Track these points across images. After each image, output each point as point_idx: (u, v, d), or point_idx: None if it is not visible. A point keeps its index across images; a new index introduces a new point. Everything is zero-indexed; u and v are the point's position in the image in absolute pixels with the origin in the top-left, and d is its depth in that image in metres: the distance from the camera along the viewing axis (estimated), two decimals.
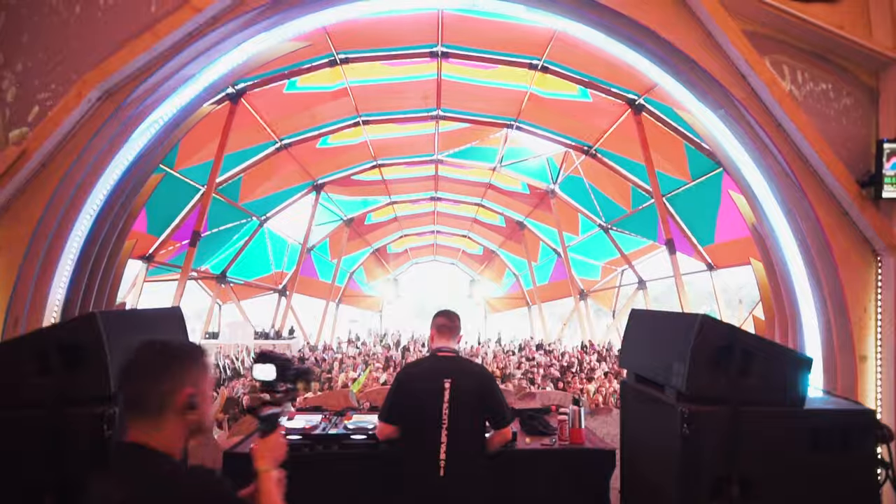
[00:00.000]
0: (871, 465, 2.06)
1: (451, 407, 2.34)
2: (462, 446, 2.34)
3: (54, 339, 2.04)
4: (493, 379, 2.53)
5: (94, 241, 3.61)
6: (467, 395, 2.38)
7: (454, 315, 2.68)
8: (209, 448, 3.75)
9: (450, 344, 2.59)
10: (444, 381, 2.39)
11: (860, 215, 3.40)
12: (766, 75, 3.49)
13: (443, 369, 2.45)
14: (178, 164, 9.33)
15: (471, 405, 2.38)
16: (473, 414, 2.39)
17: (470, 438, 2.37)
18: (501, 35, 7.83)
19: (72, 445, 1.91)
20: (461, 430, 2.34)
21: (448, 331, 2.62)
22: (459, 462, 2.32)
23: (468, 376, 2.44)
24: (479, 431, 2.42)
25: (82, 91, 3.19)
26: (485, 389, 2.42)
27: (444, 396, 2.35)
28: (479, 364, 2.62)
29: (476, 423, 2.40)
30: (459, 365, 2.51)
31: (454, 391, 2.37)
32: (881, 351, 3.37)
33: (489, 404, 2.42)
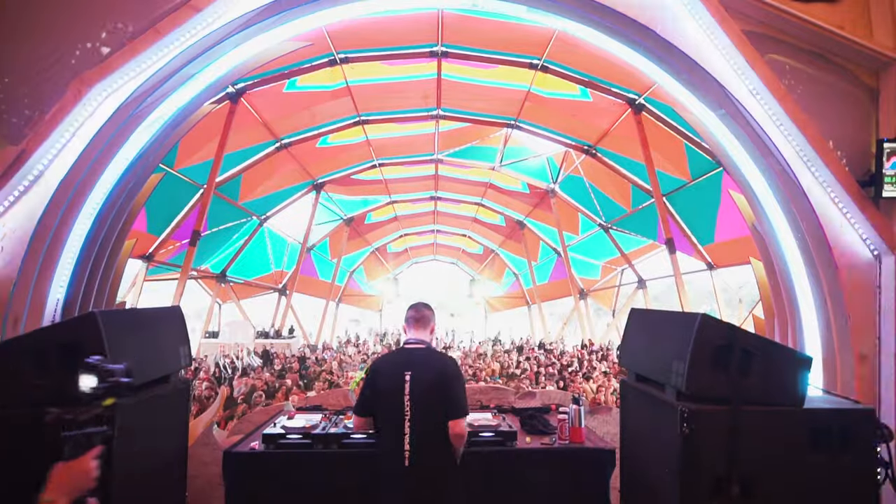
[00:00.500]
0: (870, 464, 2.06)
1: (412, 399, 2.38)
2: (425, 437, 2.37)
3: (54, 338, 2.04)
4: (455, 371, 2.51)
5: (94, 240, 3.61)
6: (426, 387, 2.40)
7: (423, 306, 2.69)
8: (209, 447, 3.75)
9: (419, 335, 2.61)
10: (405, 373, 2.43)
11: (860, 214, 3.40)
12: (766, 75, 3.49)
13: (405, 362, 2.49)
14: (177, 164, 9.33)
15: (430, 397, 2.40)
16: (433, 405, 2.40)
17: (433, 430, 2.39)
18: (501, 35, 7.82)
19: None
20: (423, 422, 2.37)
21: (416, 322, 2.64)
22: (424, 454, 2.35)
23: (428, 368, 2.46)
24: (443, 423, 2.42)
25: (82, 90, 3.18)
26: (442, 380, 2.44)
27: (405, 389, 2.40)
28: (446, 356, 2.61)
29: (438, 415, 2.41)
30: (423, 357, 2.52)
31: (413, 383, 2.40)
32: (881, 351, 3.37)
33: (445, 395, 2.42)
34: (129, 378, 1.56)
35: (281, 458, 2.76)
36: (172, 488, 2.62)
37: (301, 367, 10.35)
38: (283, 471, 2.74)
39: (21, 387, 1.97)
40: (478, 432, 2.91)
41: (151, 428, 2.34)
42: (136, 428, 2.14)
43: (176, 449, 2.66)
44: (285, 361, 11.03)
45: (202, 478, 3.63)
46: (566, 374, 9.59)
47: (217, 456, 3.26)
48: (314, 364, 10.70)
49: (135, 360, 2.21)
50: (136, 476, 2.15)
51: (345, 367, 10.60)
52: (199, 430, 4.10)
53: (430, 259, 25.24)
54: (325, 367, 10.15)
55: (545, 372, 9.66)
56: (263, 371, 9.87)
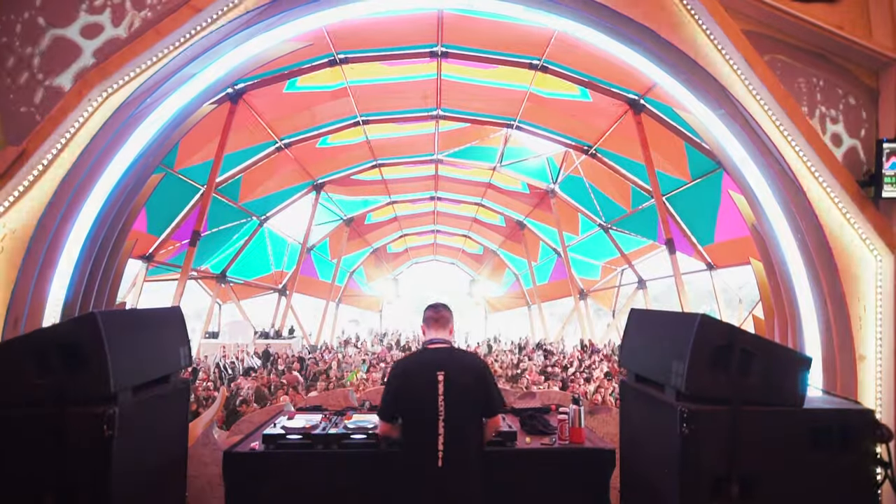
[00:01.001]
0: (870, 464, 2.06)
1: (446, 398, 2.36)
2: (459, 437, 2.36)
3: (54, 338, 2.04)
4: (487, 368, 2.53)
5: (95, 240, 3.60)
6: (461, 386, 2.39)
7: (441, 306, 2.68)
8: (209, 447, 3.75)
9: (441, 335, 2.60)
10: (437, 373, 2.41)
11: (860, 215, 3.40)
12: (766, 75, 3.49)
13: (435, 361, 2.47)
14: (178, 164, 9.34)
15: (465, 395, 2.40)
16: (468, 404, 2.41)
17: (467, 429, 2.39)
18: (501, 35, 7.83)
19: (72, 445, 1.91)
20: (457, 421, 2.36)
21: (436, 322, 2.62)
22: (457, 452, 2.34)
23: (461, 367, 2.46)
24: (476, 421, 2.44)
25: (82, 90, 3.19)
26: (477, 379, 2.44)
27: (438, 388, 2.38)
28: (473, 353, 2.62)
29: (472, 414, 2.42)
30: (452, 356, 2.52)
31: (448, 382, 2.39)
32: (881, 351, 3.37)
33: (482, 393, 2.43)
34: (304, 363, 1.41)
35: (281, 458, 2.76)
36: (172, 488, 2.62)
37: (301, 367, 10.35)
38: (283, 471, 2.74)
39: (21, 387, 1.97)
40: None
41: (151, 428, 2.34)
42: (136, 428, 2.13)
43: (176, 449, 2.65)
44: (286, 361, 11.04)
45: (202, 478, 3.63)
46: (565, 374, 9.59)
47: (217, 456, 3.26)
48: (313, 364, 10.70)
49: (135, 360, 2.22)
50: (135, 476, 2.14)
51: (343, 368, 10.60)
52: (199, 430, 4.10)
53: (430, 259, 25.25)
54: (324, 369, 10.15)
55: (550, 372, 9.67)
56: (264, 372, 9.88)
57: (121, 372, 2.05)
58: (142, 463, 2.23)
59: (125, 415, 2.03)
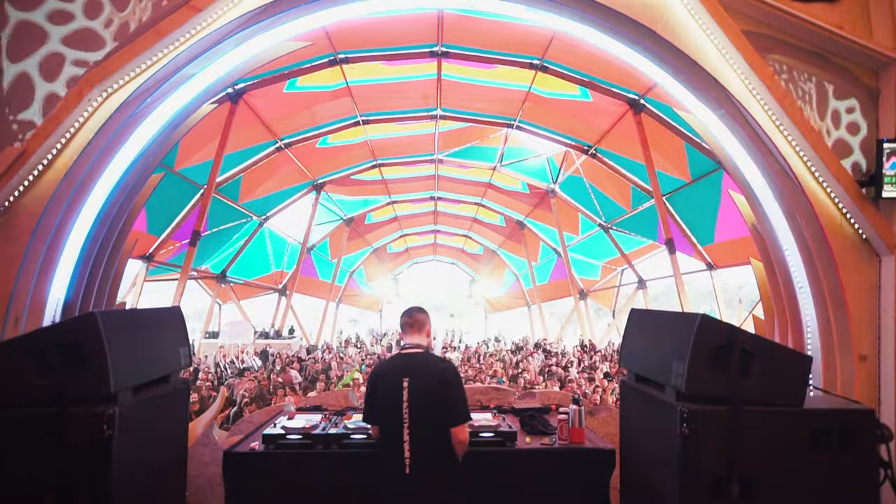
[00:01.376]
0: (870, 464, 2.06)
1: (410, 404, 2.36)
2: (425, 443, 2.34)
3: (54, 338, 2.04)
4: (454, 375, 2.47)
5: (95, 240, 3.61)
6: (424, 392, 2.38)
7: (415, 310, 2.67)
8: (209, 447, 3.75)
9: (415, 339, 2.59)
10: (402, 379, 2.41)
11: (860, 215, 3.40)
12: (766, 75, 3.49)
13: (402, 367, 2.48)
14: (178, 164, 9.33)
15: (428, 402, 2.38)
16: (432, 411, 2.37)
17: (433, 436, 2.37)
18: (501, 35, 7.82)
19: (72, 445, 1.91)
20: (422, 428, 2.35)
21: (410, 327, 2.62)
22: (424, 459, 2.33)
23: (426, 373, 2.44)
24: (441, 429, 2.39)
25: (82, 90, 3.19)
26: (441, 386, 2.40)
27: (402, 395, 2.38)
28: (442, 360, 2.59)
29: (437, 422, 2.38)
30: (420, 361, 2.50)
31: (412, 389, 2.38)
32: (881, 351, 3.37)
33: (444, 399, 2.39)
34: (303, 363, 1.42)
35: (281, 458, 2.76)
36: (172, 488, 2.62)
37: (301, 367, 10.36)
38: (283, 471, 2.74)
39: (21, 387, 1.97)
40: (478, 432, 2.91)
41: (151, 428, 2.34)
42: (136, 428, 2.13)
43: (176, 449, 2.65)
44: (283, 361, 11.04)
45: (202, 478, 3.63)
46: (565, 374, 9.59)
47: (217, 456, 3.26)
48: (313, 364, 10.70)
49: (135, 360, 2.22)
50: (135, 476, 2.14)
51: (344, 368, 10.60)
52: (199, 430, 4.10)
53: (430, 259, 25.25)
54: (323, 368, 10.15)
55: (550, 372, 9.66)
56: (264, 372, 9.88)
57: (121, 372, 2.05)
58: (142, 463, 2.23)
59: (125, 415, 2.03)
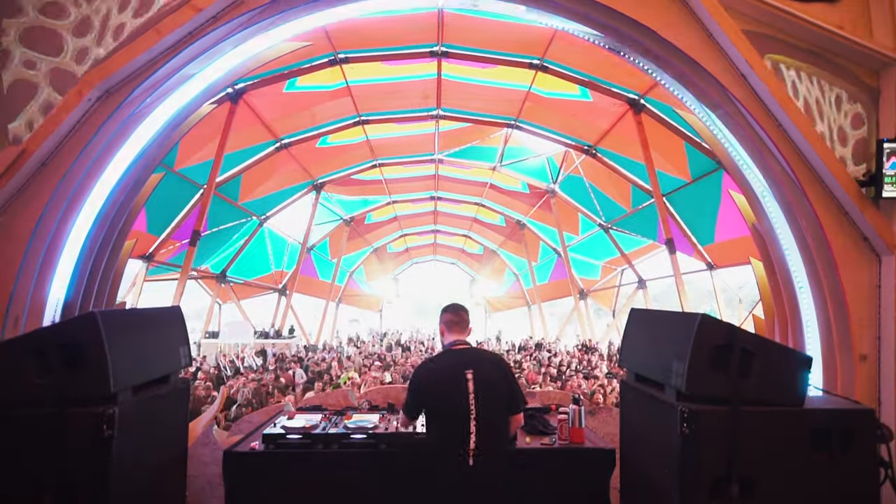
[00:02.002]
0: (870, 464, 2.06)
1: (477, 397, 2.38)
2: (490, 435, 2.38)
3: (54, 338, 2.03)
4: (509, 366, 2.58)
5: (95, 240, 3.60)
6: (490, 384, 2.42)
7: (462, 309, 2.72)
8: (209, 447, 3.75)
9: (462, 337, 2.64)
10: (465, 372, 2.43)
11: (860, 215, 3.40)
12: (767, 75, 3.49)
13: (462, 361, 2.49)
14: (178, 164, 9.33)
15: (494, 393, 2.43)
16: (498, 401, 2.44)
17: (497, 426, 2.42)
18: (501, 34, 7.83)
19: (72, 445, 1.91)
20: (489, 419, 2.38)
21: (457, 325, 2.66)
22: (488, 451, 2.36)
23: (487, 365, 2.49)
24: (505, 418, 2.48)
25: (82, 90, 3.18)
26: (504, 376, 2.49)
27: (468, 387, 2.39)
28: (493, 352, 2.66)
29: (501, 411, 2.46)
30: (477, 355, 2.56)
31: (477, 381, 2.41)
32: (881, 350, 3.37)
33: (507, 390, 2.47)
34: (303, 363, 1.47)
35: (281, 457, 2.76)
36: (172, 488, 2.62)
37: (301, 367, 10.36)
38: (284, 471, 2.74)
39: (21, 386, 1.97)
40: None
41: (151, 428, 2.34)
42: (136, 428, 2.13)
43: (176, 449, 2.65)
44: (278, 360, 11.05)
45: (202, 478, 3.62)
46: (564, 375, 9.59)
47: (217, 456, 3.26)
48: (314, 365, 10.71)
49: (135, 360, 2.22)
50: (135, 476, 2.14)
51: (344, 368, 10.60)
52: (198, 429, 4.10)
53: (430, 259, 25.25)
54: (324, 369, 10.15)
55: (549, 372, 9.66)
56: (263, 372, 9.87)
57: (121, 372, 2.05)
58: (142, 462, 2.23)
59: (125, 415, 2.03)
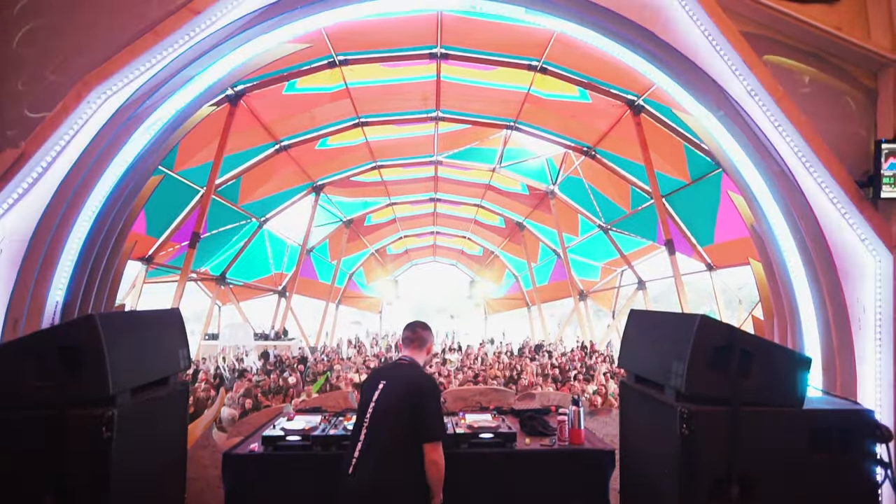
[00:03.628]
0: (870, 464, 2.06)
1: (375, 408, 2.39)
2: (377, 449, 2.30)
3: (53, 340, 2.03)
4: (432, 391, 2.44)
5: (94, 242, 3.60)
6: (393, 400, 2.38)
7: (417, 326, 2.71)
8: (208, 449, 3.74)
9: (412, 354, 2.64)
10: (379, 382, 2.46)
11: (859, 215, 3.40)
12: (765, 76, 3.50)
13: (385, 373, 2.54)
14: (177, 166, 9.33)
15: (394, 410, 2.36)
16: (395, 418, 2.34)
17: (387, 443, 2.31)
18: (501, 36, 7.83)
19: (71, 447, 1.91)
20: (380, 436, 2.32)
21: (409, 342, 2.67)
22: (370, 464, 2.28)
23: (402, 382, 2.44)
24: (401, 438, 2.33)
25: (81, 92, 3.19)
26: (414, 397, 2.37)
27: (373, 396, 2.42)
28: (425, 375, 2.57)
29: (397, 430, 2.33)
30: (403, 371, 2.53)
31: (383, 393, 2.41)
32: (880, 351, 3.37)
33: (415, 412, 2.34)
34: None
35: (280, 460, 2.76)
36: (171, 490, 2.61)
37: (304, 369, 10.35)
38: (283, 473, 2.74)
39: (20, 389, 1.97)
40: (477, 433, 2.91)
41: (150, 430, 2.34)
42: (135, 430, 2.13)
43: (175, 451, 2.65)
44: (286, 362, 11.04)
45: (202, 480, 3.62)
46: (564, 376, 9.58)
47: (216, 458, 3.25)
48: (314, 366, 10.70)
49: (134, 362, 2.22)
50: (135, 478, 2.14)
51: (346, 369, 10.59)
52: (198, 432, 4.09)
53: (429, 261, 25.23)
54: (321, 370, 10.15)
55: (552, 374, 9.65)
56: (264, 373, 9.87)
57: (120, 374, 2.05)
58: (141, 465, 2.23)
59: (124, 417, 2.03)
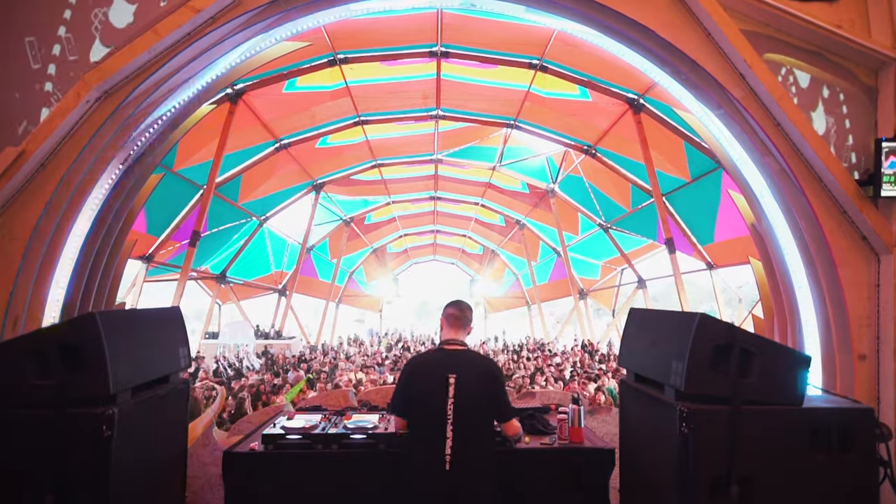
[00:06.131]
0: (869, 463, 2.06)
1: (456, 402, 2.34)
2: (468, 441, 2.33)
3: (54, 339, 2.03)
4: (500, 373, 2.50)
5: (94, 241, 3.61)
6: (471, 391, 2.37)
7: (465, 305, 2.62)
8: (208, 448, 3.75)
9: (458, 336, 2.55)
10: (448, 375, 2.37)
11: (859, 214, 3.40)
12: (765, 75, 3.49)
13: (448, 363, 2.43)
14: (177, 164, 9.33)
15: (475, 401, 2.37)
16: (478, 409, 2.38)
17: (475, 434, 2.37)
18: (501, 34, 7.82)
19: (71, 446, 1.91)
20: (466, 426, 2.34)
21: (457, 321, 2.57)
22: (465, 457, 2.32)
23: (473, 371, 2.42)
24: (486, 426, 2.42)
25: (81, 91, 3.18)
26: (489, 385, 2.41)
27: (448, 392, 2.35)
28: (487, 358, 2.58)
29: (481, 419, 2.40)
30: (466, 358, 2.48)
31: (458, 386, 2.36)
32: (880, 350, 3.37)
33: (493, 399, 2.42)
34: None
35: (281, 458, 2.76)
36: (172, 489, 2.62)
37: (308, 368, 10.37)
38: (283, 471, 2.74)
39: (20, 388, 1.97)
40: None
41: (151, 428, 2.34)
42: (136, 429, 2.13)
43: (175, 449, 2.66)
44: (284, 362, 11.04)
45: (202, 478, 3.63)
46: (563, 375, 9.58)
47: (217, 456, 3.26)
48: (317, 365, 10.71)
49: (134, 360, 2.22)
50: (135, 477, 2.14)
51: (347, 368, 10.59)
52: (198, 430, 4.10)
53: (429, 259, 25.24)
54: (322, 369, 10.16)
55: (554, 373, 9.65)
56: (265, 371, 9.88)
57: (120, 372, 2.05)
58: (141, 463, 2.23)
59: (124, 415, 2.03)
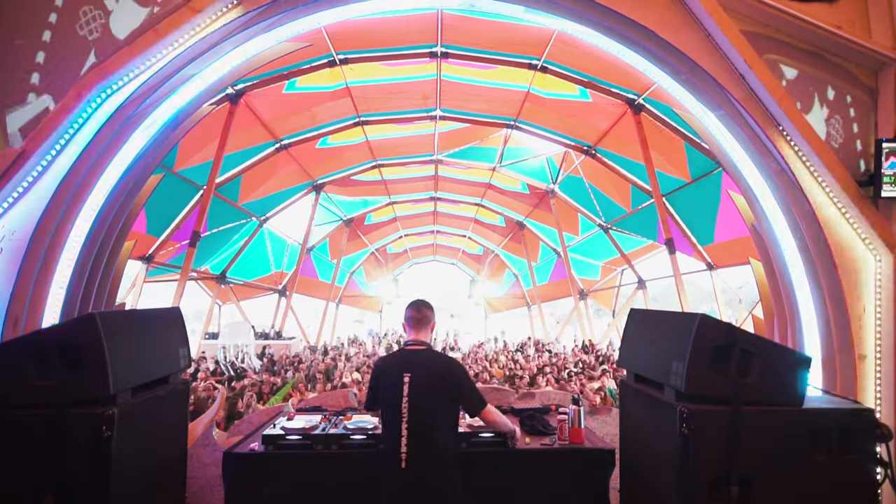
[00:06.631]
0: (869, 464, 2.06)
1: (410, 400, 2.37)
2: (422, 440, 2.35)
3: (54, 339, 2.03)
4: (460, 371, 2.51)
5: (94, 241, 3.61)
6: (426, 389, 2.39)
7: (423, 305, 2.66)
8: (208, 448, 3.75)
9: (419, 336, 2.60)
10: (403, 375, 2.42)
11: (859, 214, 3.40)
12: (765, 75, 3.49)
13: (406, 363, 2.48)
14: (177, 165, 9.33)
15: (430, 399, 2.39)
16: (433, 408, 2.39)
17: (429, 432, 2.37)
18: (501, 35, 7.82)
19: (71, 446, 1.91)
20: (421, 424, 2.36)
21: (417, 322, 2.61)
22: (421, 456, 2.34)
23: (428, 369, 2.45)
24: (443, 426, 2.42)
25: (81, 91, 3.19)
26: (445, 382, 2.43)
27: (403, 390, 2.39)
28: (446, 356, 2.61)
29: (437, 417, 2.40)
30: (423, 358, 2.51)
31: (413, 386, 2.39)
32: (880, 350, 3.37)
33: (456, 396, 2.44)
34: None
35: (280, 459, 2.76)
36: (172, 489, 2.62)
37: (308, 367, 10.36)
38: (283, 472, 2.74)
39: (21, 388, 1.97)
40: (477, 433, 2.91)
41: (151, 429, 2.34)
42: (136, 429, 2.13)
43: (175, 450, 2.66)
44: (284, 362, 11.04)
45: (202, 479, 3.62)
46: (563, 375, 9.58)
47: (217, 457, 3.26)
48: (316, 366, 10.70)
49: (134, 361, 2.22)
50: (135, 477, 2.14)
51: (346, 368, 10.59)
52: (198, 430, 4.09)
53: (429, 260, 25.24)
54: (321, 369, 10.16)
55: (549, 372, 9.65)
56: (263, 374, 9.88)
57: (120, 373, 2.05)
58: (141, 463, 2.23)
59: (124, 416, 2.03)
